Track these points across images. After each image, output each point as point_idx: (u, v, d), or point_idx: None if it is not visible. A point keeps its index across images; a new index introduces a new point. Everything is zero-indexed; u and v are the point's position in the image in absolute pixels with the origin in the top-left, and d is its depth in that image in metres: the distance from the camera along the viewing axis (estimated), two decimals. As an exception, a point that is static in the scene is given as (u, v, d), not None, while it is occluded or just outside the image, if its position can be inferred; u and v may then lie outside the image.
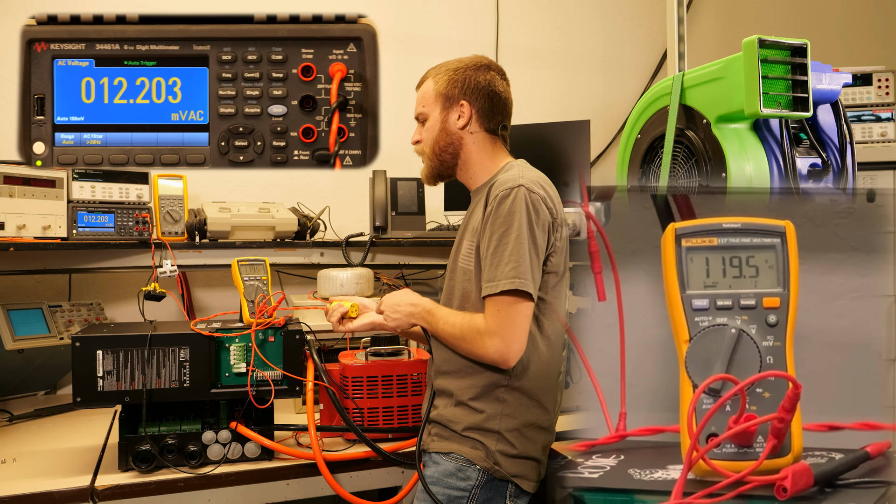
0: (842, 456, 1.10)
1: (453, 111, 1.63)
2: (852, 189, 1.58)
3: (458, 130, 1.63)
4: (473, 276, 1.54)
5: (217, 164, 1.33)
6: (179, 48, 1.32)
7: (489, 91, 1.62)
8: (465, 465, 1.51)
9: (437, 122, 1.64)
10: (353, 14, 1.34)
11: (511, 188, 1.48)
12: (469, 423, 1.53)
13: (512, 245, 1.44)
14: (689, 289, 1.10)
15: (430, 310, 1.58)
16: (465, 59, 1.66)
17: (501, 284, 1.43)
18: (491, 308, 1.46)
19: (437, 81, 1.65)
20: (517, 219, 1.45)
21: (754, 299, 1.08)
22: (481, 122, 1.63)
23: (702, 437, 1.03)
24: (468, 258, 1.57)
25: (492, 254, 1.47)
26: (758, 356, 1.05)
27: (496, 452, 1.50)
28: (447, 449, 1.55)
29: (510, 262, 1.44)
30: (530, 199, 1.47)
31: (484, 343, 1.45)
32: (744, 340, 1.06)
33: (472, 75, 1.62)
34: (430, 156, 1.67)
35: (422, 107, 1.68)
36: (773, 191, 1.51)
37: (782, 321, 1.07)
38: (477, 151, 1.64)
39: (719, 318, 1.08)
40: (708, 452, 1.00)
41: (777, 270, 1.09)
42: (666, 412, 1.23)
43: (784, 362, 1.06)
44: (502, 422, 1.52)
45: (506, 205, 1.47)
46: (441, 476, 1.53)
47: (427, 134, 1.67)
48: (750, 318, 1.07)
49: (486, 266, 1.48)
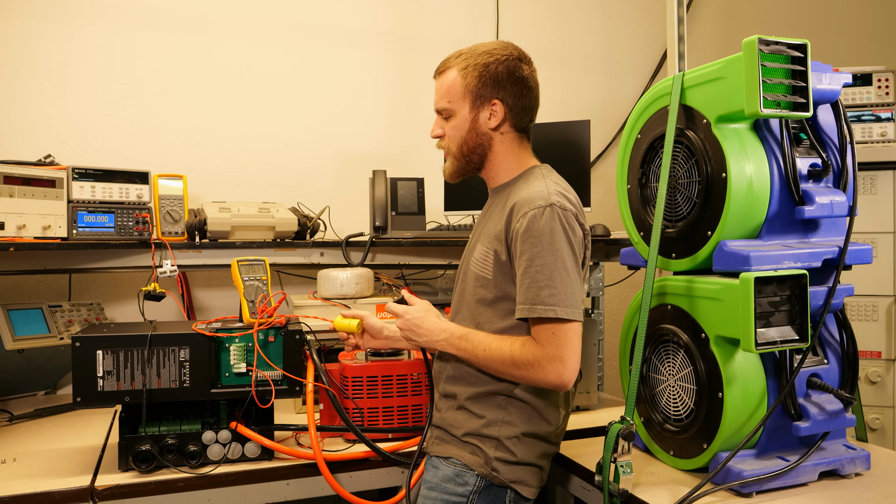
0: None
1: (484, 110, 1.52)
2: (852, 191, 1.59)
3: (490, 131, 1.54)
4: (492, 284, 1.50)
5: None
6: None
7: (523, 88, 1.53)
8: (464, 471, 1.50)
9: (466, 122, 1.53)
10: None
11: (542, 207, 1.41)
12: (469, 429, 1.51)
13: (558, 269, 1.39)
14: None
15: (461, 336, 1.50)
16: (496, 50, 1.52)
17: (559, 311, 1.38)
18: (545, 332, 1.40)
19: (465, 75, 1.51)
20: (558, 241, 1.40)
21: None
22: (513, 121, 1.55)
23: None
24: (483, 265, 1.52)
25: (534, 273, 1.40)
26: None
27: (494, 459, 1.48)
28: (446, 453, 1.54)
29: (563, 287, 1.39)
30: (565, 219, 1.42)
31: (544, 369, 1.39)
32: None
33: (505, 70, 1.51)
34: (458, 156, 1.57)
35: (447, 102, 1.55)
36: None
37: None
38: (504, 152, 1.57)
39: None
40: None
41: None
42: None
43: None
44: (502, 429, 1.50)
45: (539, 224, 1.40)
46: (440, 481, 1.52)
47: (453, 132, 1.56)
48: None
49: (530, 286, 1.40)
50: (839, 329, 1.63)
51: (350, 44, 2.89)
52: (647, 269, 1.60)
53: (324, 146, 2.85)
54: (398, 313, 1.58)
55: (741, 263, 1.46)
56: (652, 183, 1.73)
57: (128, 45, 2.59)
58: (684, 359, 1.59)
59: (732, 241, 1.51)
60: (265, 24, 2.77)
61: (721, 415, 1.49)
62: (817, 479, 1.53)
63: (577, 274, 1.43)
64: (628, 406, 1.55)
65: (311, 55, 2.83)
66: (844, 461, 1.55)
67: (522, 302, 1.42)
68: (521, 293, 1.42)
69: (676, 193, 1.64)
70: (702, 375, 1.54)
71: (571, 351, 1.39)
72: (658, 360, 1.68)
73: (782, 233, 1.57)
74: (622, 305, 3.25)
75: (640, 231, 1.77)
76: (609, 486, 1.49)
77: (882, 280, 2.60)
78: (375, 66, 2.92)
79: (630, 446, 1.49)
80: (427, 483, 1.55)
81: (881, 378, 2.60)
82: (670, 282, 1.64)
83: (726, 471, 1.48)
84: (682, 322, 1.60)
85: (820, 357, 1.61)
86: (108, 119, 2.57)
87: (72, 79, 2.52)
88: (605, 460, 1.49)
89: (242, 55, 2.73)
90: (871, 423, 2.60)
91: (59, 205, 2.09)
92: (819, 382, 1.56)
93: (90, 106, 2.54)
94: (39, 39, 2.48)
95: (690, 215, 1.60)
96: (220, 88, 2.71)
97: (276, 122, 2.78)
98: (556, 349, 1.39)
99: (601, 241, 2.35)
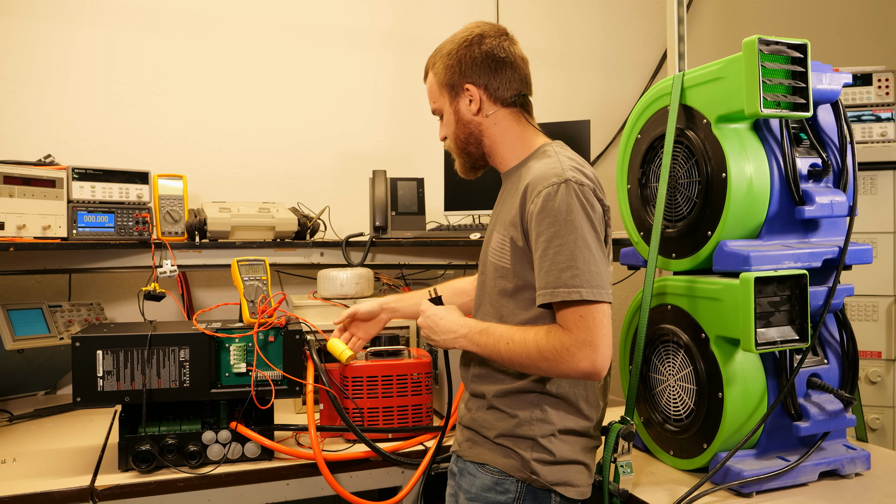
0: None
1: (462, 99, 1.48)
2: (852, 191, 1.59)
3: (474, 118, 1.48)
4: (512, 273, 1.41)
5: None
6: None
7: (490, 62, 1.46)
8: (502, 478, 1.40)
9: (452, 115, 1.51)
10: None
11: (557, 184, 1.31)
12: (501, 430, 1.41)
13: (580, 247, 1.29)
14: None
15: (481, 330, 1.40)
16: (457, 36, 1.50)
17: (585, 293, 1.27)
18: (572, 317, 1.28)
19: (436, 72, 1.51)
20: (576, 218, 1.30)
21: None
22: (494, 99, 1.48)
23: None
24: (500, 254, 1.44)
25: (554, 255, 1.30)
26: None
27: (532, 461, 1.37)
28: (481, 459, 1.44)
29: (586, 267, 1.28)
30: (582, 195, 1.32)
31: (574, 356, 1.27)
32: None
33: (465, 52, 1.46)
34: (457, 151, 1.54)
35: (433, 102, 1.55)
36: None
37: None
38: (500, 134, 1.49)
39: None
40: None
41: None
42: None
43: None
44: (536, 427, 1.39)
45: (555, 203, 1.30)
46: (479, 491, 1.42)
47: (447, 129, 1.54)
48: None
49: (550, 269, 1.30)
50: (839, 329, 1.63)
51: (350, 44, 2.89)
52: (647, 269, 1.60)
53: (324, 146, 2.85)
54: (422, 310, 1.53)
55: (741, 263, 1.46)
56: (652, 183, 1.73)
57: (128, 45, 2.59)
58: (684, 359, 1.59)
59: (732, 241, 1.51)
60: (265, 24, 2.77)
61: (721, 415, 1.49)
62: (817, 479, 1.53)
63: (600, 252, 1.32)
64: (628, 406, 1.55)
65: (311, 55, 2.83)
66: (844, 461, 1.55)
67: (543, 286, 1.31)
68: (541, 277, 1.31)
69: (676, 193, 1.64)
70: (702, 375, 1.54)
71: (602, 335, 1.27)
72: (658, 360, 1.68)
73: (782, 233, 1.57)
74: (622, 305, 3.22)
75: (640, 231, 1.78)
76: (609, 486, 1.49)
77: (882, 280, 2.60)
78: (375, 66, 2.92)
79: (630, 446, 1.49)
80: (467, 493, 1.45)
81: (881, 378, 2.60)
82: (670, 282, 1.64)
83: (726, 470, 1.48)
84: (682, 322, 1.60)
85: (820, 357, 1.61)
86: (108, 119, 2.57)
87: (72, 79, 2.52)
88: (605, 460, 1.49)
89: (242, 55, 2.73)
90: (871, 423, 2.60)
91: (59, 205, 2.09)
92: (819, 382, 1.56)
93: (90, 106, 2.54)
94: (39, 39, 2.48)
95: (690, 215, 1.60)
96: (220, 88, 2.71)
97: (276, 122, 2.78)
98: (585, 333, 1.27)
99: (601, 241, 2.35)
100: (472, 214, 2.72)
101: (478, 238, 2.34)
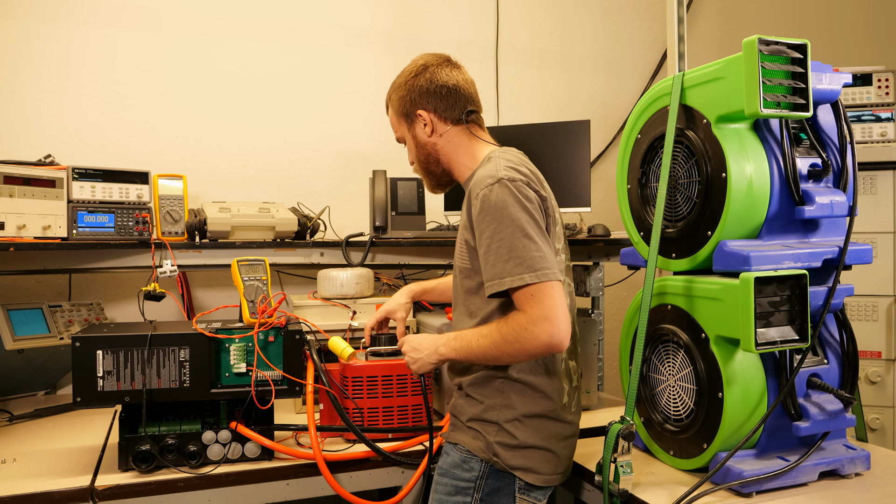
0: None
1: (417, 124, 1.65)
2: (852, 191, 1.59)
3: (429, 139, 1.65)
4: (472, 271, 1.54)
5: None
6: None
7: (435, 88, 1.62)
8: (469, 457, 1.53)
9: (412, 140, 1.68)
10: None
11: (491, 184, 1.45)
12: (472, 414, 1.55)
13: (518, 237, 1.40)
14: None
15: (455, 336, 1.52)
16: (406, 69, 1.69)
17: (528, 277, 1.37)
18: (524, 297, 1.39)
19: (392, 105, 1.70)
20: (512, 211, 1.42)
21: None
22: (444, 119, 1.63)
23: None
24: (461, 256, 1.58)
25: (497, 248, 1.41)
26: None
27: (495, 444, 1.51)
28: (454, 439, 1.58)
29: (527, 253, 1.39)
30: (515, 189, 1.44)
31: (532, 332, 1.37)
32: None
33: (413, 82, 1.64)
34: (422, 172, 1.72)
35: (395, 132, 1.73)
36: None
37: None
38: (454, 150, 1.64)
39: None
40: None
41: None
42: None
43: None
44: (501, 412, 1.52)
45: (490, 201, 1.43)
46: (449, 467, 1.56)
47: (411, 154, 1.71)
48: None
49: (495, 262, 1.42)
50: (839, 329, 1.63)
51: (350, 44, 2.89)
52: (647, 269, 1.60)
53: (324, 146, 2.85)
54: (402, 342, 1.65)
55: (741, 263, 1.46)
56: (652, 183, 1.73)
57: (128, 45, 2.59)
58: (684, 359, 1.59)
59: (732, 241, 1.51)
60: (265, 24, 2.77)
61: (721, 415, 1.49)
62: (817, 479, 1.53)
63: (541, 237, 1.43)
64: (628, 406, 1.55)
65: (311, 55, 2.83)
66: (844, 461, 1.55)
67: (490, 278, 1.43)
68: (487, 271, 1.44)
69: (676, 193, 1.64)
70: (702, 375, 1.54)
71: (556, 307, 1.37)
72: (658, 360, 1.68)
73: (782, 233, 1.57)
74: (622, 305, 3.25)
75: (640, 231, 1.78)
76: (609, 486, 1.49)
77: (882, 280, 2.60)
78: (375, 66, 2.92)
79: (630, 446, 1.49)
80: (439, 469, 1.59)
81: (881, 378, 2.60)
82: (670, 282, 1.64)
83: (726, 470, 1.48)
84: (682, 322, 1.60)
85: (820, 357, 1.61)
86: (108, 119, 2.57)
87: (72, 79, 2.52)
88: (605, 460, 1.49)
89: (242, 55, 2.73)
90: (871, 423, 2.60)
91: (59, 205, 2.09)
92: (819, 382, 1.56)
93: (90, 106, 2.54)
94: (39, 39, 2.48)
95: (690, 215, 1.60)
96: (220, 88, 2.71)
97: (275, 122, 2.78)
98: (539, 309, 1.37)
99: (601, 241, 2.35)
100: (472, 214, 2.72)
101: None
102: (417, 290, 1.93)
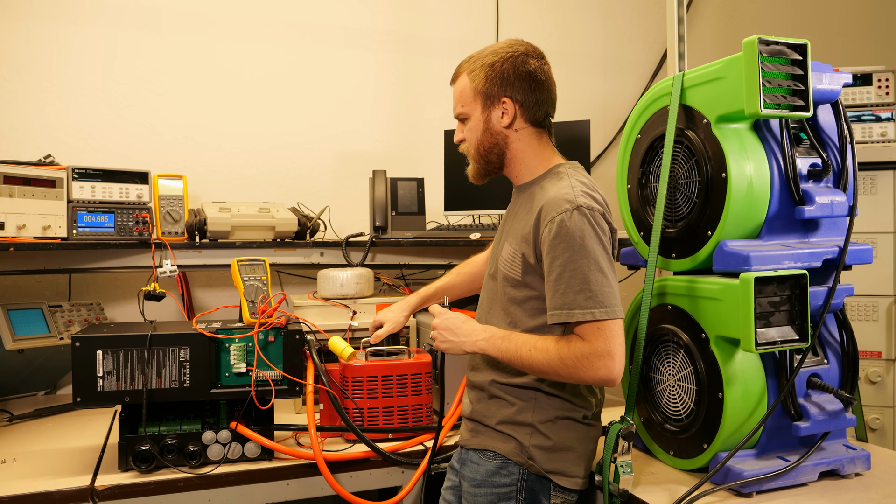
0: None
1: (495, 109, 1.53)
2: (852, 191, 1.59)
3: (503, 129, 1.54)
4: (522, 284, 1.50)
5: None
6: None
7: (531, 82, 1.52)
8: (504, 462, 1.49)
9: (480, 123, 1.55)
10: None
11: (570, 210, 1.40)
12: (502, 417, 1.51)
13: (592, 271, 1.38)
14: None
15: (503, 336, 1.47)
16: (501, 49, 1.54)
17: (598, 313, 1.37)
18: (590, 329, 1.37)
19: (473, 78, 1.54)
20: (589, 242, 1.39)
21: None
22: (526, 116, 1.53)
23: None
24: (511, 266, 1.52)
25: (569, 278, 1.38)
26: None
27: (530, 447, 1.47)
28: (483, 445, 1.53)
29: (599, 288, 1.38)
30: (594, 219, 1.41)
31: (593, 364, 1.36)
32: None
33: (511, 67, 1.51)
34: (476, 157, 1.59)
35: (461, 106, 1.58)
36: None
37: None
38: (522, 150, 1.56)
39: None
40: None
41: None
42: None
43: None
44: (535, 413, 1.49)
45: (569, 229, 1.39)
46: (485, 477, 1.51)
47: (470, 134, 1.57)
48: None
49: (566, 291, 1.39)
50: (839, 329, 1.63)
51: (350, 44, 2.89)
52: (647, 269, 1.60)
53: (324, 146, 2.85)
54: (438, 313, 1.57)
55: (741, 263, 1.46)
56: (652, 183, 1.73)
57: (128, 45, 2.59)
58: (684, 359, 1.59)
59: (732, 241, 1.51)
60: (265, 24, 2.77)
61: (721, 415, 1.49)
62: (817, 479, 1.53)
63: (611, 272, 1.42)
64: (628, 406, 1.55)
65: (311, 55, 2.83)
66: (844, 461, 1.55)
67: (560, 307, 1.39)
68: (556, 298, 1.40)
69: (676, 193, 1.64)
70: (702, 375, 1.54)
71: (618, 345, 1.37)
72: (658, 360, 1.68)
73: (782, 233, 1.57)
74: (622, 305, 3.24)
75: (640, 231, 1.78)
76: (609, 486, 1.49)
77: (882, 280, 2.60)
78: (375, 66, 2.92)
79: (630, 446, 1.49)
80: (471, 481, 1.53)
81: (881, 378, 2.60)
82: (670, 282, 1.64)
83: (726, 470, 1.48)
84: (682, 322, 1.60)
85: (820, 357, 1.61)
86: (109, 119, 2.57)
87: (72, 79, 2.52)
88: (605, 460, 1.49)
89: (242, 55, 2.73)
90: (871, 423, 2.60)
91: (59, 205, 2.09)
92: (819, 382, 1.56)
93: (90, 106, 2.54)
94: (39, 39, 2.48)
95: (690, 215, 1.60)
96: (220, 88, 2.71)
97: (276, 122, 2.78)
98: (604, 344, 1.36)
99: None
100: (471, 214, 2.72)
101: (477, 238, 2.34)
102: (416, 301, 1.90)
